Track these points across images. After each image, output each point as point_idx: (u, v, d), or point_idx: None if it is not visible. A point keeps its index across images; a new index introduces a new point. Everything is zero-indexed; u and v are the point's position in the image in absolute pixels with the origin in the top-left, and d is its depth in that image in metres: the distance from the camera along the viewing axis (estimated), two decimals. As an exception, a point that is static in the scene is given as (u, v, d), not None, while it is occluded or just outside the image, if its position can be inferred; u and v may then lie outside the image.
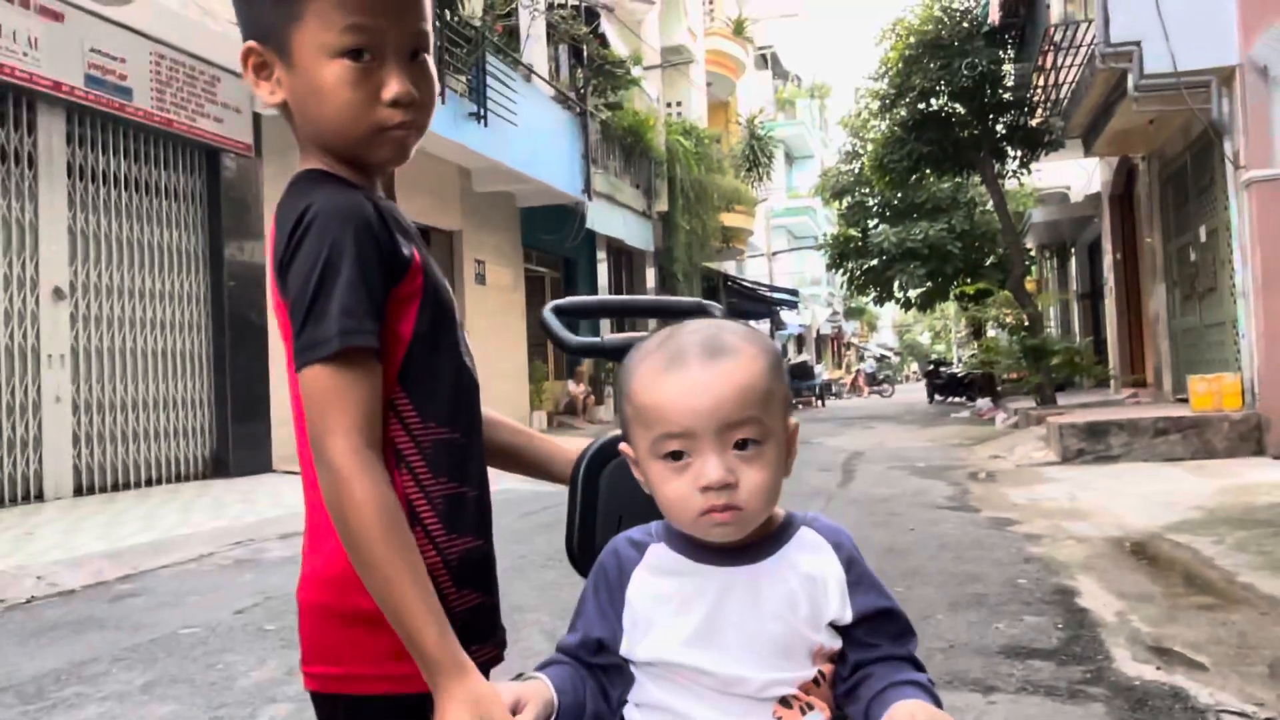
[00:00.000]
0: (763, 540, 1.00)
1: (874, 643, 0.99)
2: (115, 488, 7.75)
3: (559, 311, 1.49)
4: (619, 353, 1.46)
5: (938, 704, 0.94)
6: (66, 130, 7.51)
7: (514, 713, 0.89)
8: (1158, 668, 2.89)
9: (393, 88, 1.00)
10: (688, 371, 0.95)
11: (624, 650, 1.01)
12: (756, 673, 0.96)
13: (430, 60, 1.06)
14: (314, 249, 0.96)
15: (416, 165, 9.20)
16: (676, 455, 0.95)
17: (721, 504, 0.94)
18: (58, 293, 7.38)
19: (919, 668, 1.00)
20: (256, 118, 9.06)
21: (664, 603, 0.99)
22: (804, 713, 0.97)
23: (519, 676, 0.98)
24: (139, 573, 5.01)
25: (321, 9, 0.98)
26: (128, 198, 8.06)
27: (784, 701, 0.97)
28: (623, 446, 1.05)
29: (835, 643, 0.99)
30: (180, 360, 8.46)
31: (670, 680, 0.98)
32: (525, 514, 6.69)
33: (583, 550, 1.26)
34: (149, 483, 8.04)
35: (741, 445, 0.94)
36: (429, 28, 1.05)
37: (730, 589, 0.98)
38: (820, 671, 0.99)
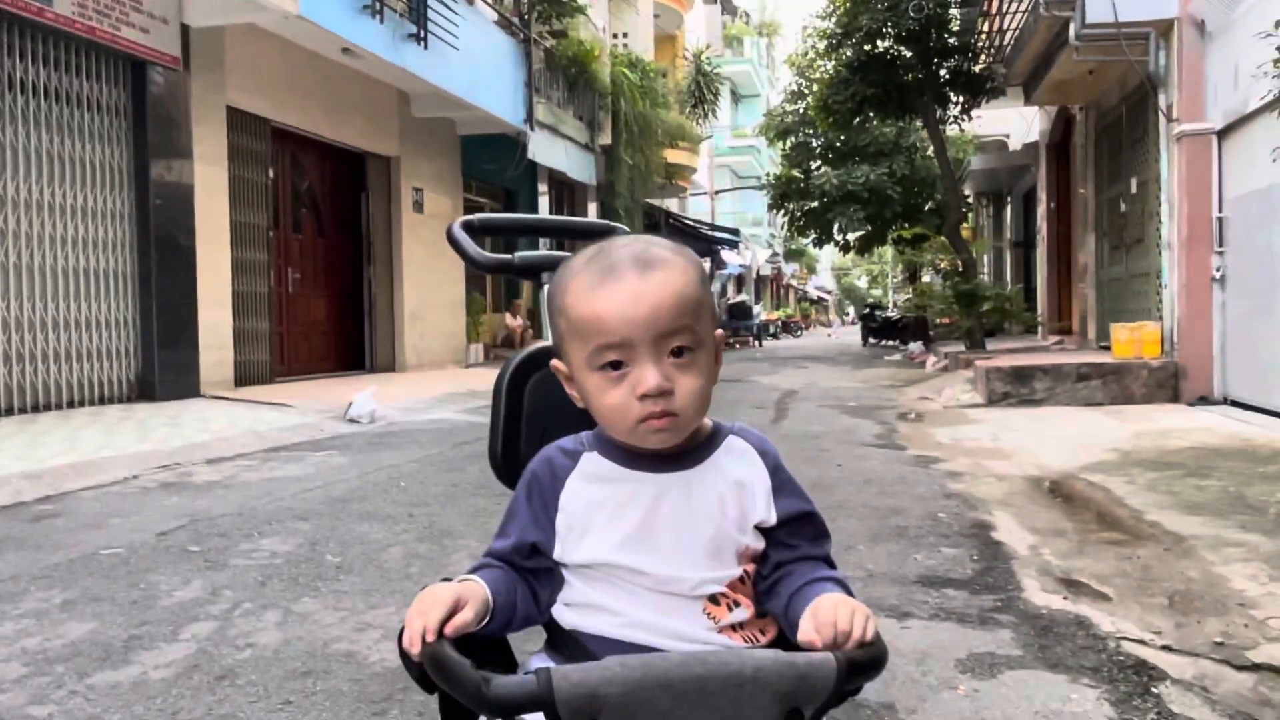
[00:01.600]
0: (694, 448, 1.04)
1: (794, 544, 1.04)
2: (35, 409, 7.55)
3: (469, 230, 1.48)
4: (530, 270, 1.46)
5: (852, 597, 0.98)
6: (-19, 34, 7.15)
7: (453, 612, 0.91)
8: (1064, 598, 3.01)
9: None
10: (623, 283, 0.96)
11: (558, 554, 1.04)
12: (690, 572, 1.00)
13: None
14: None
15: (354, 86, 8.93)
16: (614, 365, 0.97)
17: (659, 410, 0.96)
18: (-28, 205, 7.09)
19: (833, 567, 1.05)
20: (185, 30, 8.72)
21: (599, 508, 1.02)
22: (731, 609, 1.02)
23: (446, 579, 0.99)
24: (60, 494, 4.91)
25: None
26: (47, 108, 7.72)
27: (713, 599, 1.01)
28: (555, 364, 1.06)
29: (759, 544, 1.04)
30: (104, 279, 8.20)
31: (604, 580, 1.02)
32: (458, 444, 6.69)
33: (506, 460, 1.27)
34: (71, 404, 7.85)
35: (677, 353, 0.97)
36: None
37: (664, 494, 1.02)
38: (745, 570, 1.03)
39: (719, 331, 1.03)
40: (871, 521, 4.11)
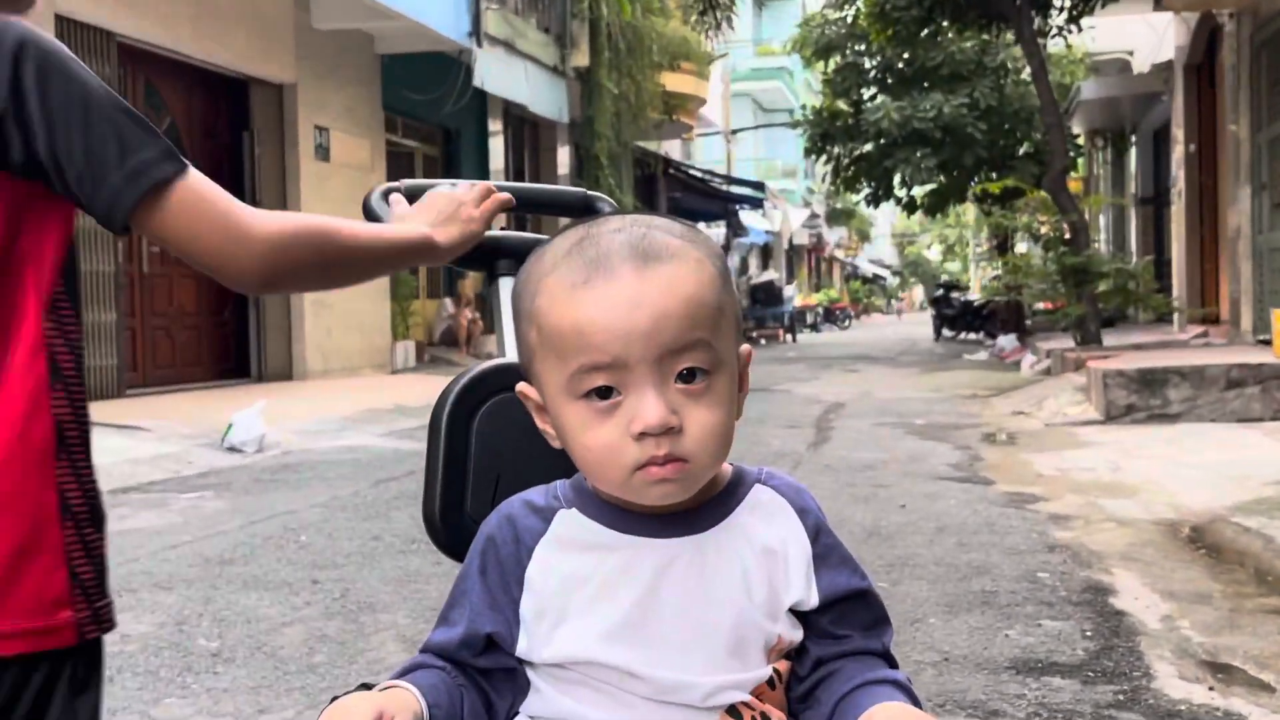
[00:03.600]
0: (707, 503, 1.04)
1: (842, 634, 1.04)
2: None
3: (389, 200, 1.48)
4: (478, 259, 1.45)
5: (919, 708, 0.98)
6: None
7: None
8: (1210, 688, 3.02)
9: None
10: (616, 282, 0.97)
11: (522, 650, 1.04)
12: (701, 676, 1.00)
13: None
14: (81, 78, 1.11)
15: (232, -13, 8.60)
16: (603, 393, 0.97)
17: (663, 454, 0.96)
18: None
19: (893, 665, 1.05)
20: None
21: (579, 586, 1.02)
22: None
23: (365, 686, 0.99)
24: None
25: None
26: None
27: (732, 711, 1.00)
28: (521, 388, 1.06)
29: (796, 633, 1.04)
30: None
31: (584, 686, 1.01)
32: (380, 480, 6.70)
33: (447, 521, 1.26)
34: None
35: (687, 377, 0.97)
36: None
37: (667, 568, 1.02)
38: (775, 670, 1.03)
39: (745, 347, 1.03)
40: (948, 585, 4.13)
